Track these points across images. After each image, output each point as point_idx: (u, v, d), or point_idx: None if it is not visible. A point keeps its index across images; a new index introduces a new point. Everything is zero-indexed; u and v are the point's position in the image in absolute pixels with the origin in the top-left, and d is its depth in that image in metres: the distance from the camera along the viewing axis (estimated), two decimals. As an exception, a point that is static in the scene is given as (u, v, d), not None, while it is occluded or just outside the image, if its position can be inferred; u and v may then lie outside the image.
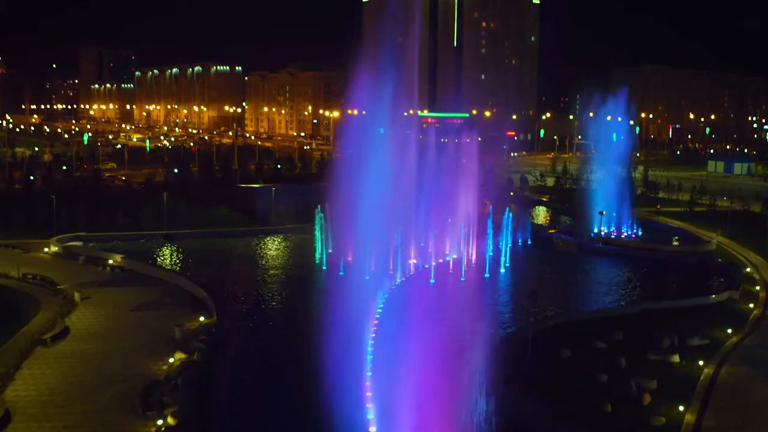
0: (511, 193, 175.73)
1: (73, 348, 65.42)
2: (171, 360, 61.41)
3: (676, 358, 63.75)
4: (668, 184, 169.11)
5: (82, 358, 63.07)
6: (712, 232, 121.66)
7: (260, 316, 74.93)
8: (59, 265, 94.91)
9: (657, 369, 61.95)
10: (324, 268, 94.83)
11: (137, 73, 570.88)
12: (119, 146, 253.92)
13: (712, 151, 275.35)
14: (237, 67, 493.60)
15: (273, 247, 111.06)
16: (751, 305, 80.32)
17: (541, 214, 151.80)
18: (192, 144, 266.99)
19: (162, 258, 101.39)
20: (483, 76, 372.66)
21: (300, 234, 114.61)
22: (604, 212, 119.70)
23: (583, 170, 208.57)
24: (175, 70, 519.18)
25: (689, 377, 60.73)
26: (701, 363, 62.75)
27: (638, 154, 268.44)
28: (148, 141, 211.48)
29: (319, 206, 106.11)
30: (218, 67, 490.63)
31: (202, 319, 72.01)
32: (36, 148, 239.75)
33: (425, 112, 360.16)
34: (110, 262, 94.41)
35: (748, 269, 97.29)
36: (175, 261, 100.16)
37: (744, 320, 75.93)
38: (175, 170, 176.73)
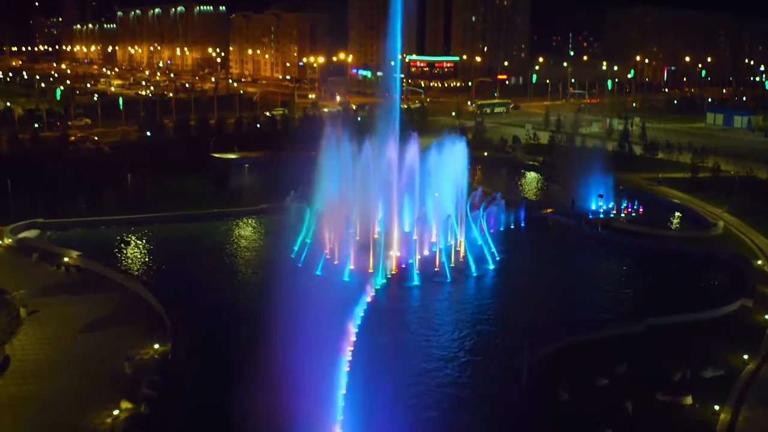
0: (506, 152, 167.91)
1: (9, 390, 57.70)
2: (116, 411, 53.97)
3: (689, 400, 56.56)
4: (668, 144, 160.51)
5: (18, 406, 55.46)
6: (717, 207, 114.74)
7: (223, 340, 66.53)
8: (11, 264, 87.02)
9: (667, 416, 54.92)
10: (300, 264, 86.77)
11: (119, 13, 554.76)
12: (96, 97, 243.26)
13: (710, 99, 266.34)
14: (221, 7, 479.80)
15: (245, 234, 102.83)
16: (767, 316, 73.08)
17: (534, 183, 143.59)
18: (171, 95, 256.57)
19: (123, 250, 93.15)
20: (473, 18, 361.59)
21: (276, 216, 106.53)
22: (603, 195, 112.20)
23: (577, 124, 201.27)
24: (157, 10, 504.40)
25: (704, 426, 53.84)
26: (717, 407, 55.64)
27: (634, 104, 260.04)
28: (121, 99, 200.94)
29: (293, 191, 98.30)
30: (201, 7, 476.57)
31: (156, 346, 64.37)
32: (8, 103, 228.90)
33: (414, 56, 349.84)
34: (65, 260, 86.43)
35: (759, 261, 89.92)
36: (135, 256, 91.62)
37: (760, 336, 68.78)
38: (148, 133, 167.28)
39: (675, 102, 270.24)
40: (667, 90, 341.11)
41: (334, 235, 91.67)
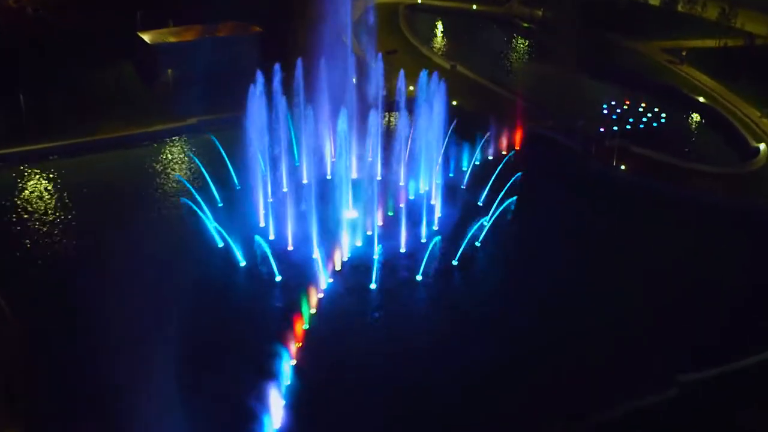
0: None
1: None
2: None
3: None
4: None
5: None
6: (754, 107, 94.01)
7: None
8: None
9: None
10: (221, 244, 65.70)
11: None
12: None
13: None
14: None
15: (161, 177, 78.90)
16: None
17: (527, 59, 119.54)
18: None
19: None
20: None
21: (209, 134, 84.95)
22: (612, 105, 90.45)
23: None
24: None
25: None
26: None
27: None
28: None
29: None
30: None
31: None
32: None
33: None
34: None
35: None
36: (12, 228, 68.93)
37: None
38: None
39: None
40: None
41: (272, 183, 71.38)
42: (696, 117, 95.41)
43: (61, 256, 64.60)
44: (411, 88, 78.88)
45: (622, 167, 78.93)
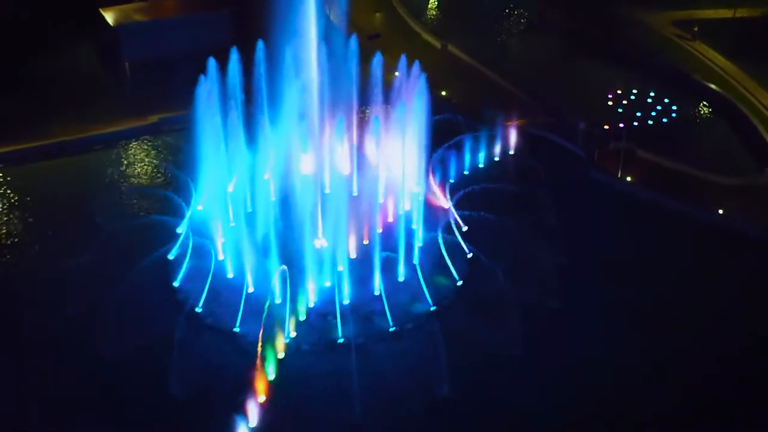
0: None
1: None
2: None
3: None
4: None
5: None
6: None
7: None
8: None
9: None
10: (176, 283, 58.10)
11: None
12: None
13: None
14: None
15: (108, 193, 69.41)
16: None
17: (522, 32, 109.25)
18: None
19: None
20: None
21: (171, 136, 76.81)
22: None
23: None
24: None
25: None
26: None
27: None
28: None
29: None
30: None
31: None
32: None
33: None
34: None
35: None
36: None
37: None
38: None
39: None
40: None
41: (235, 201, 63.25)
42: (706, 104, 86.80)
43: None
44: (396, 74, 68.92)
45: (628, 178, 70.45)
